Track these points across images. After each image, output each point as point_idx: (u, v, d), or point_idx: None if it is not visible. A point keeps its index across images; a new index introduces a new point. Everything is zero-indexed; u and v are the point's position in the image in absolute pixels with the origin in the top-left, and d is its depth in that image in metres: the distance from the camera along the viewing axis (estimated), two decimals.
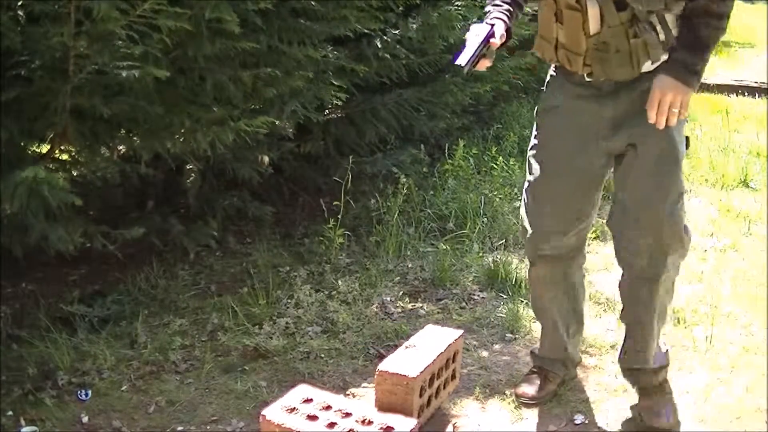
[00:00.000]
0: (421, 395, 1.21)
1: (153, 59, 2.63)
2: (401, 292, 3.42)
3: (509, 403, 2.61)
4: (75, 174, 3.34)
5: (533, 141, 2.45)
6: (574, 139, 2.32)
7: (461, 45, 2.11)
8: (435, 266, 3.60)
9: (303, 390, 1.18)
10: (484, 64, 2.16)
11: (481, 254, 3.76)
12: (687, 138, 2.30)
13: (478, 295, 3.42)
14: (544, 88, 2.46)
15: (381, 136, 4.33)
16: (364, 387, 2.73)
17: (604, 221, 2.54)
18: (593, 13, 2.12)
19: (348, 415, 1.14)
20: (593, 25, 2.14)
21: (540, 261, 2.49)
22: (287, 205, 4.29)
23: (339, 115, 4.23)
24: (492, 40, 2.13)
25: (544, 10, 2.26)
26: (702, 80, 2.19)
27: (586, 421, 2.56)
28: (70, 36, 2.45)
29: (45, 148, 3.08)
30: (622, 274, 2.42)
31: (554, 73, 2.41)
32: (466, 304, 3.35)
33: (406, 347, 1.23)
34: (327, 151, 4.18)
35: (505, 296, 3.38)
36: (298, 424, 1.11)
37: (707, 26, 2.10)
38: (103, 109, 2.67)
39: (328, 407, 1.15)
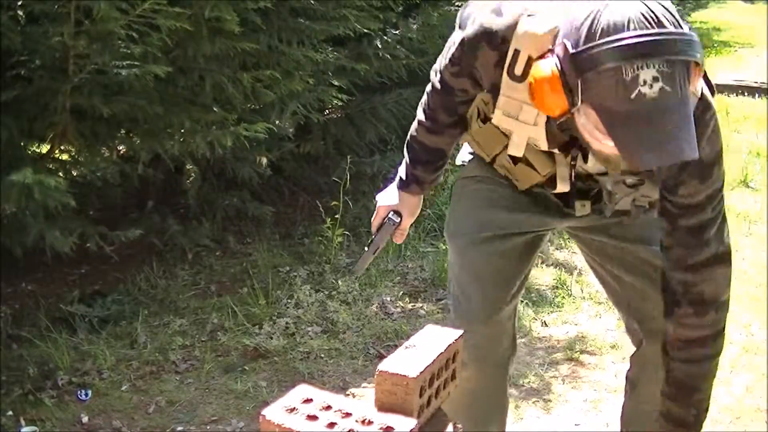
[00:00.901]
0: (421, 395, 1.20)
1: (153, 59, 2.63)
2: (401, 292, 3.42)
3: (509, 403, 2.61)
4: (75, 174, 3.34)
5: (451, 214, 1.92)
6: (512, 203, 1.78)
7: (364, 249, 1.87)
8: (435, 266, 3.60)
9: (303, 390, 1.17)
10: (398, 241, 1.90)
11: None
12: None
13: None
14: (463, 162, 1.89)
15: (381, 136, 4.33)
16: (364, 387, 2.73)
17: None
18: (562, 173, 1.64)
19: (348, 415, 1.14)
20: (560, 185, 1.65)
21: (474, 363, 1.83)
22: (287, 205, 4.29)
23: (339, 115, 4.23)
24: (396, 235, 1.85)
25: (485, 124, 1.67)
26: None
27: (586, 422, 2.56)
28: (70, 36, 2.44)
29: (45, 148, 3.07)
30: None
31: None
32: None
33: (406, 347, 1.23)
34: (327, 151, 4.18)
35: None
36: (298, 424, 1.11)
37: (684, 362, 1.61)
38: (103, 109, 2.67)
39: (328, 407, 1.15)
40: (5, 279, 3.18)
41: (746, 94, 7.74)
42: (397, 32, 3.91)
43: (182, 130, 2.98)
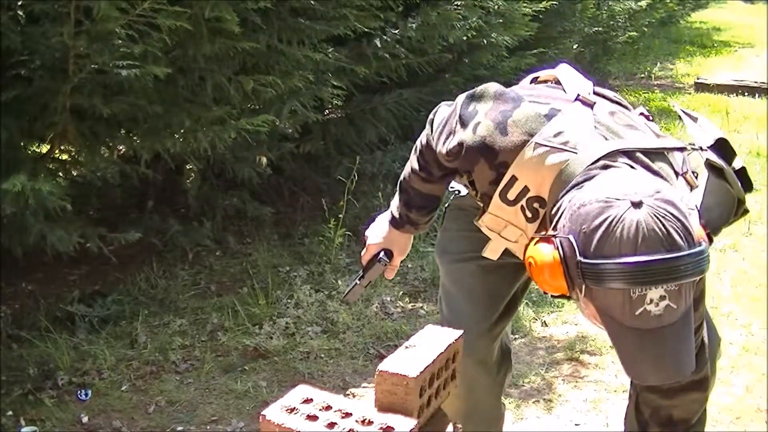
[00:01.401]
0: (421, 395, 1.20)
1: (153, 58, 2.63)
2: (401, 292, 3.42)
3: (509, 403, 2.61)
4: (75, 174, 3.34)
5: (444, 234, 1.91)
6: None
7: (353, 279, 1.86)
8: (435, 266, 3.59)
9: (303, 390, 1.18)
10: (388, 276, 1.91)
11: None
12: None
13: None
14: (458, 188, 1.85)
15: (381, 136, 4.33)
16: (364, 387, 2.73)
17: None
18: None
19: (348, 415, 1.14)
20: None
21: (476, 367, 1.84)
22: (287, 205, 4.29)
23: (339, 115, 4.23)
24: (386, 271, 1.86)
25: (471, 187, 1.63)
26: (702, 80, 1.77)
27: (586, 422, 2.56)
28: (70, 36, 2.44)
29: (45, 148, 3.07)
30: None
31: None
32: None
33: (406, 347, 1.23)
34: (327, 151, 4.18)
35: None
36: (298, 424, 1.11)
37: None
38: (103, 109, 2.67)
39: (328, 407, 1.15)
40: (5, 279, 3.18)
41: (746, 94, 7.75)
42: (396, 32, 3.91)
43: (182, 130, 2.98)
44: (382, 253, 1.83)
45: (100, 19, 2.43)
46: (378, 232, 1.84)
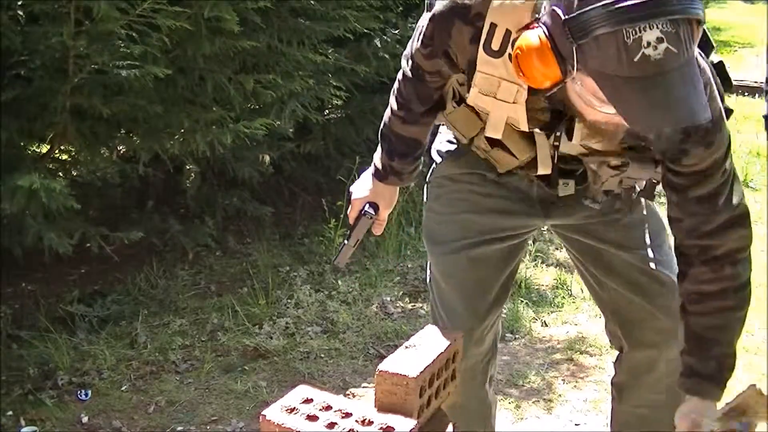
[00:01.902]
0: (421, 395, 1.20)
1: (153, 59, 2.63)
2: (401, 292, 3.42)
3: (509, 403, 2.61)
4: (75, 174, 3.34)
5: (429, 215, 1.84)
6: (492, 205, 1.74)
7: (341, 243, 1.87)
8: None
9: (303, 390, 1.18)
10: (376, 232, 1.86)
11: None
12: None
13: None
14: (436, 158, 1.82)
15: None
16: (364, 387, 2.73)
17: None
18: (543, 155, 1.58)
19: (348, 415, 1.14)
20: (542, 168, 1.60)
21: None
22: (287, 205, 4.29)
23: (339, 115, 4.23)
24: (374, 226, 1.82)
25: (460, 106, 1.62)
26: None
27: (586, 422, 2.56)
28: (70, 36, 2.45)
29: (45, 148, 3.07)
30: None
31: (456, 144, 1.77)
32: None
33: (406, 347, 1.23)
34: (327, 151, 4.18)
35: None
36: (298, 424, 1.11)
37: (701, 315, 1.53)
38: (103, 109, 2.67)
39: (328, 407, 1.15)
40: (5, 279, 3.18)
41: (746, 94, 7.73)
42: (396, 32, 3.91)
43: (182, 130, 2.98)
44: (367, 206, 1.78)
45: (100, 20, 2.44)
46: (362, 187, 1.81)
